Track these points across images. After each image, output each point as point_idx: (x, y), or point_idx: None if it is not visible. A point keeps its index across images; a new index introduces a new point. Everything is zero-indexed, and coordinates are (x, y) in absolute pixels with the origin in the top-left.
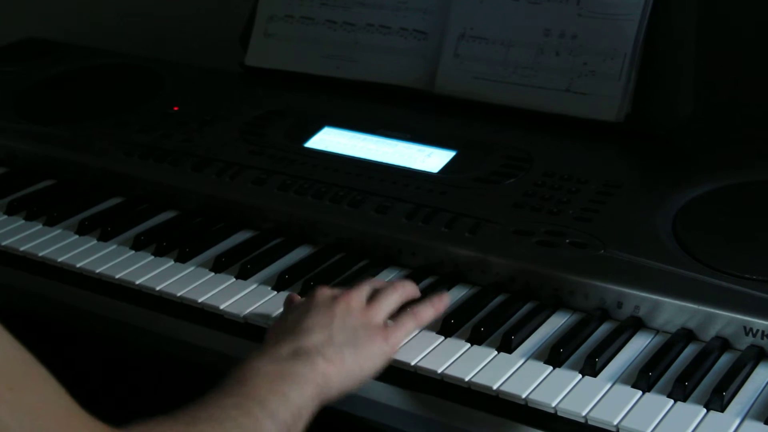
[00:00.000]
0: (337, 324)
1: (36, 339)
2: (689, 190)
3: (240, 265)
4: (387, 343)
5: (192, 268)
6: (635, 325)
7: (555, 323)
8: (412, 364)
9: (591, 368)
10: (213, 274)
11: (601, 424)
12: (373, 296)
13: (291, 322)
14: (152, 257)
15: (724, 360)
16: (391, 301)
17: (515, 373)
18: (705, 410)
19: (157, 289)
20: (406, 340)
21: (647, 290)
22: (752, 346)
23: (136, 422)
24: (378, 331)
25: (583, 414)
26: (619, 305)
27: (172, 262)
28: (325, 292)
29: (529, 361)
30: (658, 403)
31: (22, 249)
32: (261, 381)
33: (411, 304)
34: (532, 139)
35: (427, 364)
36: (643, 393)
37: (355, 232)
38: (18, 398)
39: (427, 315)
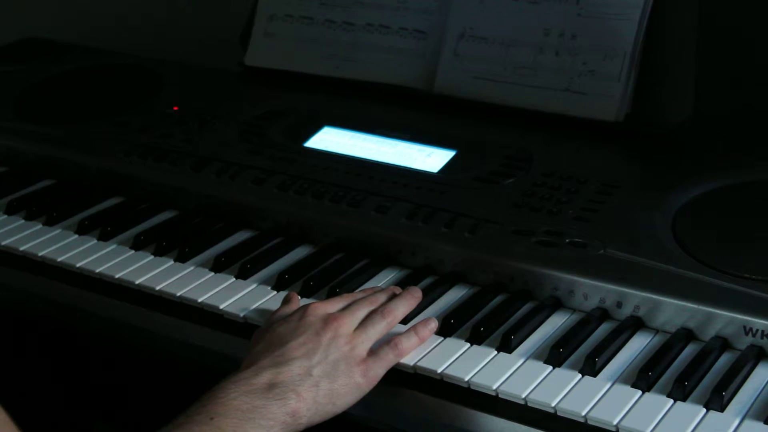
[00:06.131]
0: (319, 356)
1: (36, 339)
2: (689, 190)
3: (239, 264)
4: (365, 378)
5: (191, 268)
6: (635, 325)
7: (555, 323)
8: (412, 364)
9: (591, 368)
10: (213, 273)
11: (600, 423)
12: (364, 321)
13: (276, 339)
14: (152, 257)
15: (724, 360)
16: (380, 328)
17: (515, 373)
18: (705, 410)
19: (157, 288)
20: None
21: (647, 290)
22: (752, 345)
23: None
24: (358, 364)
25: (583, 414)
26: (619, 305)
27: (171, 262)
28: (317, 312)
29: (528, 361)
30: (658, 403)
31: (22, 249)
32: (228, 419)
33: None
34: (531, 139)
35: (426, 364)
36: (643, 393)
37: (355, 232)
38: None
39: (409, 346)
